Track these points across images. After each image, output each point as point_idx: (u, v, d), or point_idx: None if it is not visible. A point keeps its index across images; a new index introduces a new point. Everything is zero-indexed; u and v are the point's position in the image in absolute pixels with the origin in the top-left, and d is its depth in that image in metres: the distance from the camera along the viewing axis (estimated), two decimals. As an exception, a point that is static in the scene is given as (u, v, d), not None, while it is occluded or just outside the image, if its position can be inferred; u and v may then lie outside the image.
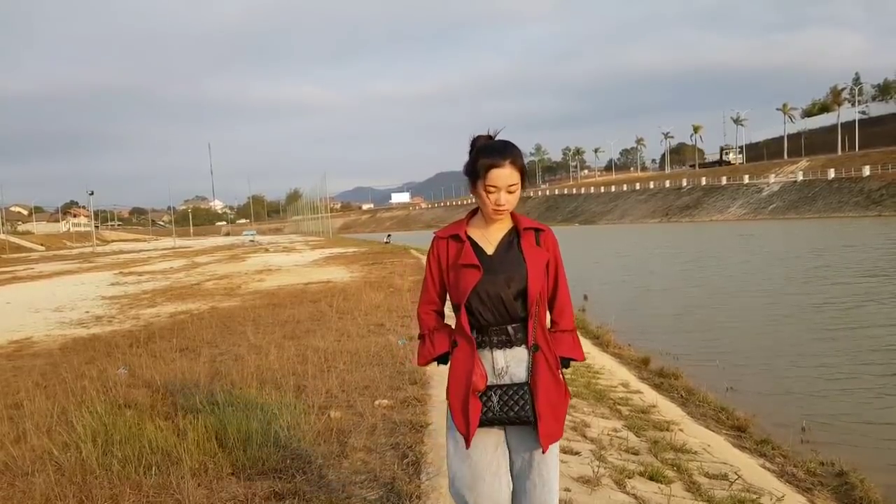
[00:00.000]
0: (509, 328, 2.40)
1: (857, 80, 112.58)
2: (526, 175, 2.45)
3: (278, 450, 4.22)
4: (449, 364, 2.50)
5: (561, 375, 2.44)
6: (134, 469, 3.93)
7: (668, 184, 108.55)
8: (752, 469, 4.81)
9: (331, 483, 3.79)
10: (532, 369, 2.39)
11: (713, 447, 5.16)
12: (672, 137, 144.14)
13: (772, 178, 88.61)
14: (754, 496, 4.04)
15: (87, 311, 14.01)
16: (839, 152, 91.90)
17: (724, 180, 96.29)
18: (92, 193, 78.58)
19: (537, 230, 2.48)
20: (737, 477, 4.40)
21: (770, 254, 27.77)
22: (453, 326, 2.50)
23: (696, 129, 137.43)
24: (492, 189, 2.37)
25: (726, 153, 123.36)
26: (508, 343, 2.40)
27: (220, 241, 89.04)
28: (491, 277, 2.37)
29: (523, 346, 2.40)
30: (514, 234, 2.46)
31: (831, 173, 78.22)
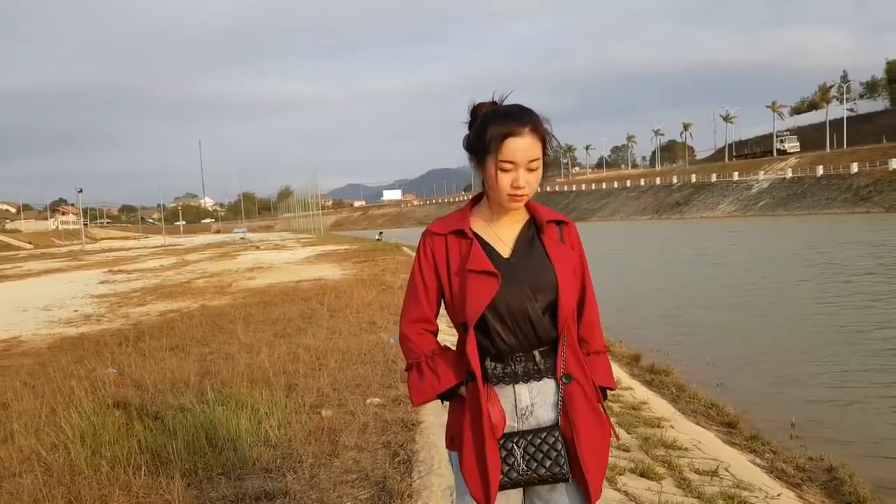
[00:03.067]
0: (536, 354, 1.87)
1: (845, 78, 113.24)
2: (550, 148, 1.88)
3: (269, 449, 4.21)
4: (454, 402, 1.96)
5: (603, 411, 1.93)
6: (123, 469, 3.90)
7: (658, 181, 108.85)
8: (742, 465, 4.83)
9: (322, 482, 3.78)
10: (565, 406, 1.87)
11: (704, 443, 5.17)
12: (662, 135, 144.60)
13: (761, 176, 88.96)
14: (744, 492, 4.06)
15: (76, 310, 13.92)
16: (828, 149, 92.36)
17: (713, 177, 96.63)
18: (81, 191, 78.07)
19: (559, 222, 1.96)
20: (727, 473, 4.41)
21: (759, 251, 27.91)
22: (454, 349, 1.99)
23: (686, 127, 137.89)
24: (507, 166, 1.81)
25: (781, 140, 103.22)
26: (536, 374, 1.87)
27: (211, 238, 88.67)
28: (512, 288, 1.82)
29: (552, 376, 1.88)
30: (534, 229, 1.93)
31: (820, 170, 78.59)
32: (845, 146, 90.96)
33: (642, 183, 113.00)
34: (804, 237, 33.69)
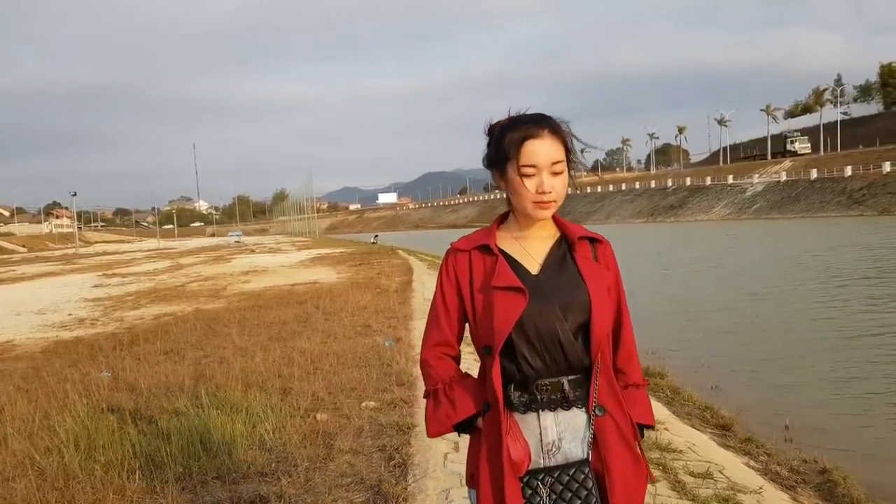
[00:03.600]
0: (565, 382, 1.71)
1: (838, 82, 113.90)
2: (573, 153, 1.78)
3: (264, 453, 4.21)
4: (472, 434, 1.80)
5: (640, 450, 1.76)
6: (117, 474, 3.89)
7: (653, 184, 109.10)
8: (736, 467, 4.83)
9: (317, 486, 3.77)
10: (597, 442, 1.70)
11: (698, 446, 5.18)
12: (657, 138, 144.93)
13: (755, 179, 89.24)
14: (739, 494, 4.07)
15: (70, 314, 13.87)
16: (821, 153, 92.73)
17: (708, 180, 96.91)
18: (75, 194, 78.04)
19: (593, 240, 1.83)
20: (721, 475, 4.42)
21: (755, 254, 27.98)
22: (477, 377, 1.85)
23: (680, 130, 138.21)
24: (530, 171, 1.70)
25: (791, 141, 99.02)
26: (564, 403, 1.71)
27: (205, 242, 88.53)
28: (540, 306, 1.68)
29: (583, 407, 1.72)
30: (565, 247, 1.81)
31: (814, 173, 78.88)
32: (839, 149, 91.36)
33: (637, 186, 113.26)
34: (800, 240, 33.80)
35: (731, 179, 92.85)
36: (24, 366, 8.02)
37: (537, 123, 1.73)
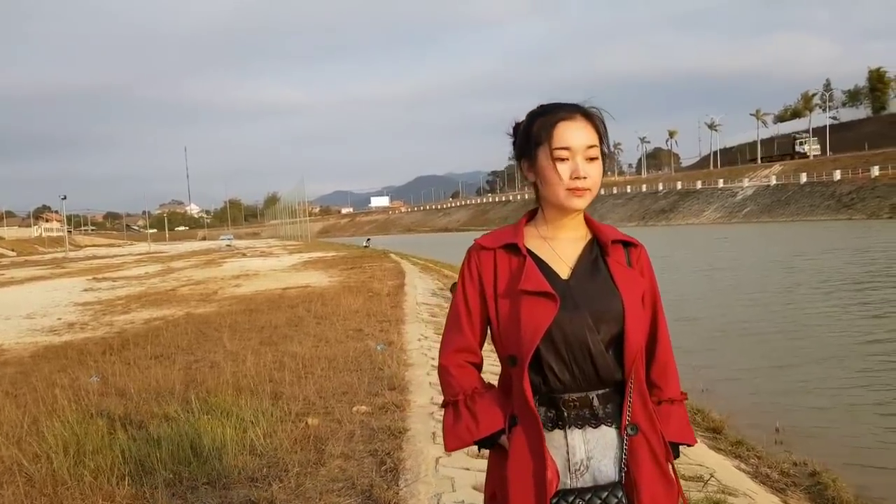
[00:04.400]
0: (594, 397, 1.59)
1: (827, 87, 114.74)
2: (607, 142, 1.66)
3: (254, 458, 4.19)
4: (493, 451, 1.67)
5: (672, 471, 1.64)
6: (107, 479, 3.87)
7: (644, 188, 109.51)
8: (727, 470, 4.85)
9: (308, 491, 3.76)
10: (629, 463, 1.58)
11: (689, 449, 5.19)
12: (648, 142, 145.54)
13: (746, 183, 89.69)
14: (729, 497, 4.08)
15: (60, 318, 13.79)
16: (811, 157, 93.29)
17: (699, 184, 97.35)
18: (65, 198, 77.80)
19: (627, 244, 1.71)
20: (712, 478, 4.43)
21: (747, 258, 28.11)
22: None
23: (671, 135, 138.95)
24: (564, 153, 1.59)
25: (801, 143, 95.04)
26: (592, 420, 1.59)
27: (197, 245, 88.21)
28: (570, 314, 1.56)
29: (613, 425, 1.60)
30: (598, 250, 1.67)
31: (803, 177, 79.36)
32: (828, 154, 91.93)
33: (629, 190, 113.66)
34: (791, 244, 33.97)
35: (721, 183, 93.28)
36: (12, 371, 7.96)
37: (570, 107, 1.63)
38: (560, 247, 1.66)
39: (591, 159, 1.61)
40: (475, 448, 1.72)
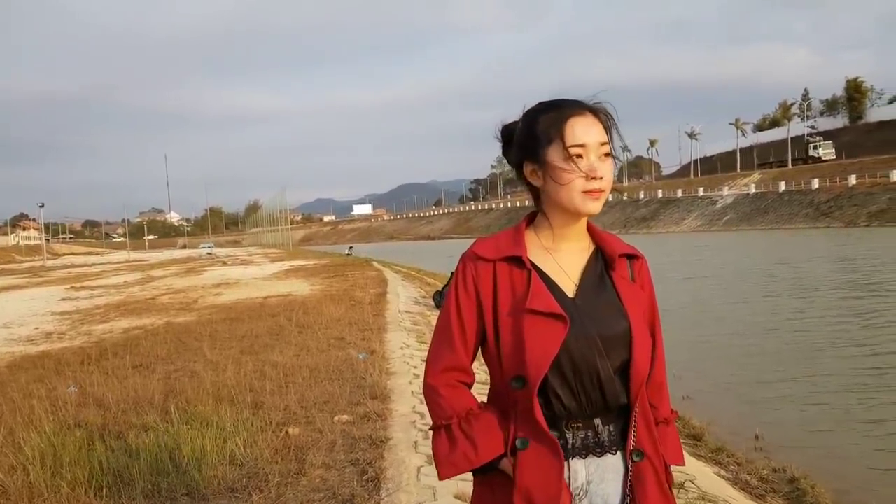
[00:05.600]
0: (598, 423, 1.49)
1: (805, 96, 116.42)
2: (613, 141, 1.52)
3: (234, 468, 4.16)
4: (486, 478, 1.53)
5: (672, 496, 1.59)
6: (84, 491, 3.82)
7: (625, 196, 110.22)
8: (707, 477, 4.88)
9: (288, 502, 3.74)
10: (634, 489, 1.50)
11: (670, 457, 5.22)
12: (629, 151, 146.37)
13: (725, 191, 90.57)
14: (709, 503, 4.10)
15: (37, 328, 13.62)
16: (790, 165, 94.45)
17: (679, 193, 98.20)
18: (42, 206, 76.90)
19: (631, 257, 1.60)
20: (692, 485, 4.46)
21: (728, 266, 28.35)
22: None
23: (652, 143, 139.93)
24: (579, 151, 1.45)
25: (815, 147, 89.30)
26: (596, 447, 1.49)
27: (177, 254, 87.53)
28: (579, 338, 1.44)
29: (618, 451, 1.51)
30: (602, 263, 1.56)
31: (782, 186, 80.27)
32: (807, 162, 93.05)
33: (610, 198, 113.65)
34: (772, 252, 34.33)
35: (701, 191, 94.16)
36: (-12, 381, 7.85)
37: (577, 103, 1.50)
38: (564, 259, 1.53)
39: (605, 156, 1.48)
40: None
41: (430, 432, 1.58)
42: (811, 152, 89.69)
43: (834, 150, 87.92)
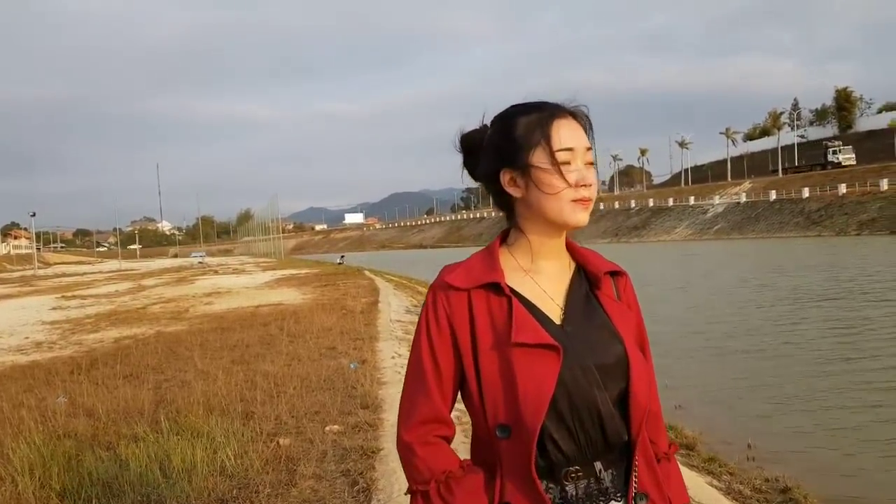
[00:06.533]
0: (599, 467, 1.29)
1: (795, 106, 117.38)
2: (593, 145, 1.36)
3: (225, 479, 4.12)
4: None
5: None
6: (73, 502, 3.80)
7: (617, 205, 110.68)
8: (700, 487, 4.87)
9: (279, 512, 3.71)
10: None
11: (662, 466, 5.21)
12: (621, 160, 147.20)
13: (716, 200, 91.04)
14: (702, 515, 4.10)
15: (27, 337, 13.52)
16: (780, 174, 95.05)
17: (670, 202, 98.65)
18: (34, 215, 76.43)
19: (614, 273, 1.44)
20: (685, 496, 4.45)
21: (720, 275, 28.44)
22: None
23: (643, 153, 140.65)
24: (566, 156, 1.30)
25: (834, 152, 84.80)
26: (599, 496, 1.30)
27: (168, 263, 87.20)
28: (574, 371, 1.26)
29: (622, 497, 1.32)
30: (586, 283, 1.40)
31: (773, 195, 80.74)
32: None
33: (602, 207, 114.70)
34: (764, 261, 34.46)
35: (692, 200, 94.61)
36: (-24, 391, 7.78)
37: (556, 105, 1.35)
38: (545, 281, 1.35)
39: (590, 164, 1.34)
40: None
41: (408, 497, 1.36)
42: (830, 157, 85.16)
43: (854, 156, 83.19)
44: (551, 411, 1.24)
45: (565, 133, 1.31)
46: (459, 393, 1.37)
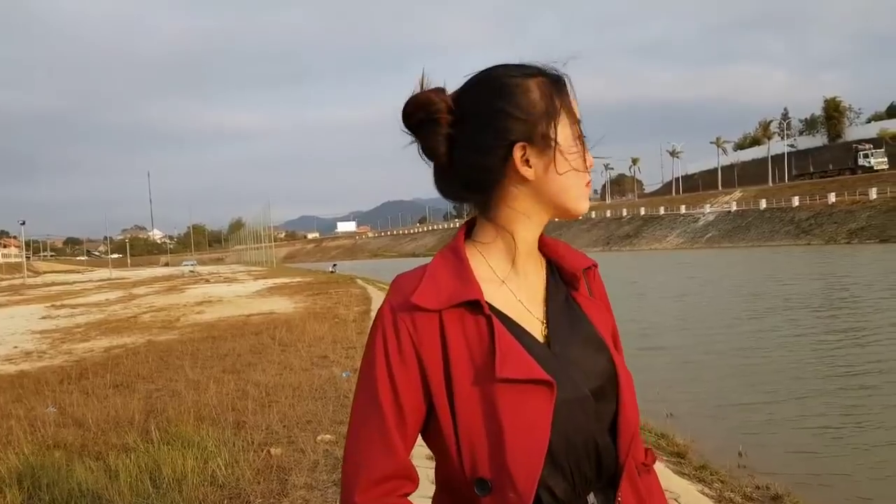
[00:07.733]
0: (591, 500, 1.07)
1: (785, 115, 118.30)
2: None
3: (216, 489, 4.11)
4: None
5: None
6: (62, 513, 3.76)
7: (608, 213, 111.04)
8: (691, 495, 4.88)
9: (270, 522, 3.70)
10: None
11: (654, 475, 5.22)
12: (612, 169, 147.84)
13: (707, 209, 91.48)
14: (693, 523, 4.10)
15: (16, 346, 13.43)
16: (770, 183, 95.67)
17: (661, 210, 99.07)
18: (24, 223, 76.03)
19: (585, 268, 1.19)
20: (676, 503, 4.46)
21: (711, 284, 28.53)
22: None
23: (634, 161, 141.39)
24: (578, 129, 1.07)
25: (865, 155, 78.72)
26: None
27: (159, 271, 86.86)
28: (569, 404, 1.02)
29: None
30: (562, 284, 1.15)
31: (763, 203, 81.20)
32: (787, 180, 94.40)
33: (593, 215, 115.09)
34: (756, 269, 34.60)
35: (683, 209, 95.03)
36: (-36, 401, 7.72)
37: (552, 68, 1.08)
38: (521, 288, 1.09)
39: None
40: None
41: None
42: (861, 161, 79.31)
43: (886, 160, 76.66)
44: (546, 457, 1.00)
45: (574, 103, 1.07)
46: (420, 434, 1.07)
